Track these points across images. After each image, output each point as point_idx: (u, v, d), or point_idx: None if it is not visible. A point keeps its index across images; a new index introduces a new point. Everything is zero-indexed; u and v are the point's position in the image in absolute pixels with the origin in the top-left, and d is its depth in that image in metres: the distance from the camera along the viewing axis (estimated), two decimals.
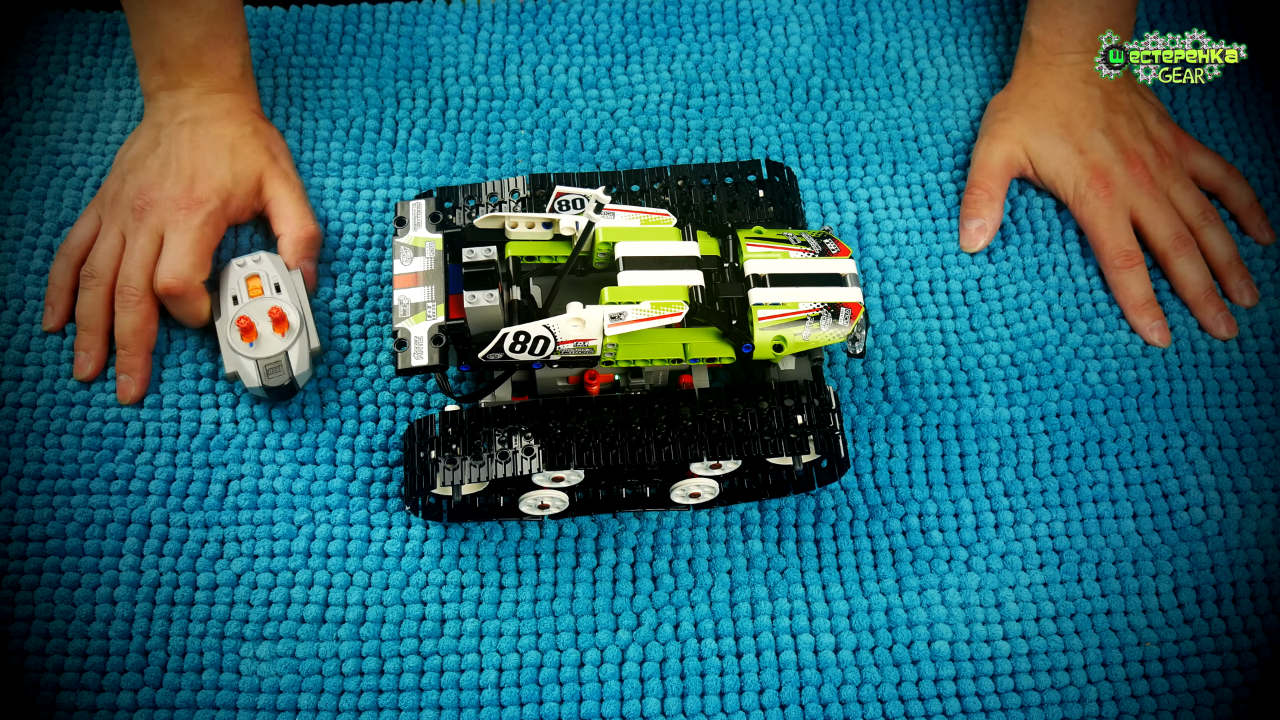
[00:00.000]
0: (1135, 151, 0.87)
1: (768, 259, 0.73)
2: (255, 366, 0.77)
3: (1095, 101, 0.88)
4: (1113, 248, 0.85)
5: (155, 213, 0.81)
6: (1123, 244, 0.85)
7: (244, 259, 0.81)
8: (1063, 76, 0.89)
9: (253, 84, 0.88)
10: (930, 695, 0.72)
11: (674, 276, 0.71)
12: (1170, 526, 0.78)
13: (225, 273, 0.81)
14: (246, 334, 0.77)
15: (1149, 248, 0.87)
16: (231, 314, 0.79)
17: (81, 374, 0.80)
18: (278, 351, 0.77)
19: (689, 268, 0.71)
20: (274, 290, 0.80)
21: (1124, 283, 0.85)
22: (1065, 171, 0.87)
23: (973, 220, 0.88)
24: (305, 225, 0.84)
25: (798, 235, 0.75)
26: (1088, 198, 0.86)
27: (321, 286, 0.85)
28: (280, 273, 0.81)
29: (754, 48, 0.97)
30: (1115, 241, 0.85)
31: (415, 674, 0.72)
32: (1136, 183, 0.86)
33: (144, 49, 0.85)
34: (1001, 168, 0.88)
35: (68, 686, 0.70)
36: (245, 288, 0.80)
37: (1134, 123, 0.88)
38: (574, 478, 0.73)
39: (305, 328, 0.79)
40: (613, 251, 0.72)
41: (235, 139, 0.84)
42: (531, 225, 0.72)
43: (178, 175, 0.82)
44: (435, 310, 0.71)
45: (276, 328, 0.78)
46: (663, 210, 0.74)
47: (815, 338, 0.71)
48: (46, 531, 0.75)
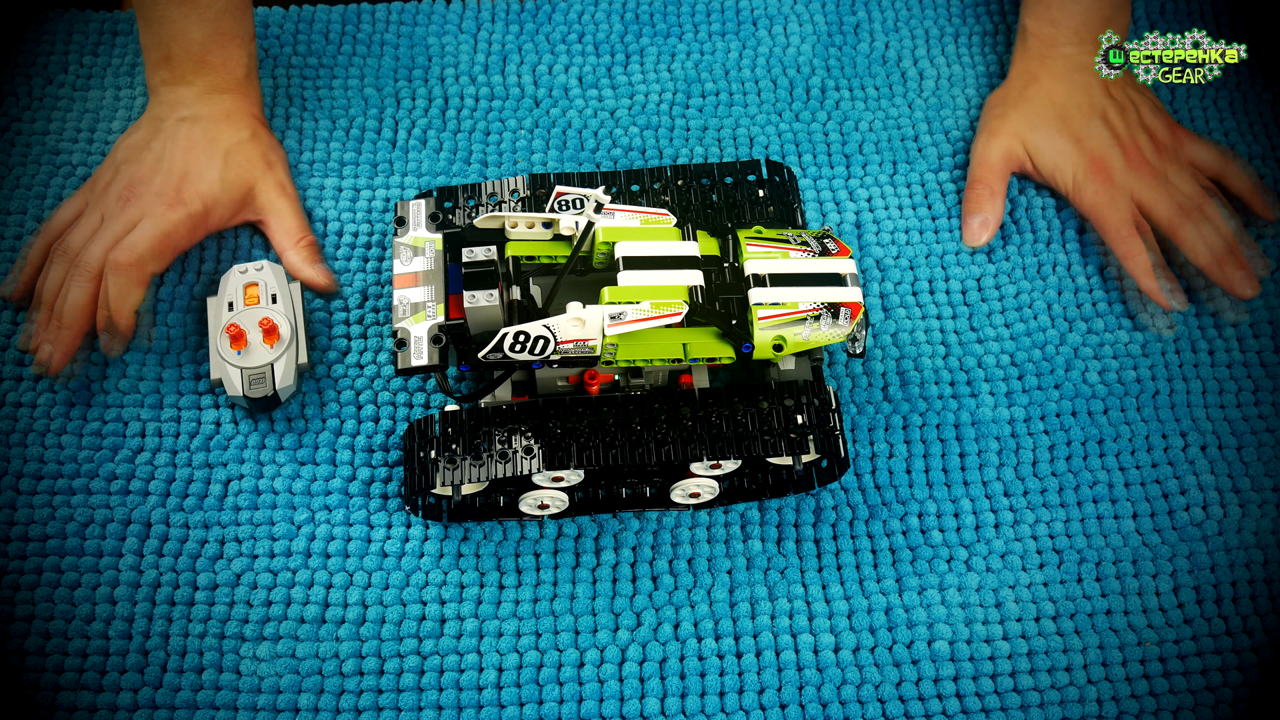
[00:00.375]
0: (1131, 140, 0.87)
1: (768, 259, 0.73)
2: (239, 375, 0.76)
3: (1091, 92, 0.88)
4: (1117, 220, 0.85)
5: (138, 204, 0.81)
6: (1126, 216, 0.85)
7: (246, 266, 0.81)
8: (1058, 69, 0.89)
9: (256, 85, 0.88)
10: (930, 695, 0.72)
11: (674, 276, 0.71)
12: (1170, 526, 0.78)
13: (225, 278, 0.81)
14: (236, 341, 0.77)
15: (1155, 227, 0.86)
16: (224, 320, 0.79)
17: (29, 347, 0.80)
18: (264, 362, 0.77)
19: (689, 268, 0.71)
20: (270, 300, 0.79)
21: (1132, 251, 0.84)
22: (1064, 163, 0.87)
23: (975, 215, 0.88)
24: (306, 234, 0.84)
25: (797, 235, 0.75)
26: (1086, 186, 0.86)
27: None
28: (279, 284, 0.80)
29: (754, 47, 0.97)
30: (1119, 215, 0.85)
31: (415, 674, 0.72)
32: (1134, 169, 0.86)
33: (150, 44, 0.85)
34: (1001, 163, 0.89)
35: (68, 686, 0.70)
36: (242, 294, 0.80)
37: (1129, 114, 0.88)
38: (574, 478, 0.73)
39: (295, 341, 0.78)
40: (613, 251, 0.72)
41: (231, 145, 0.84)
42: (531, 225, 0.72)
43: (168, 173, 0.82)
44: (435, 310, 0.71)
45: (266, 338, 0.77)
46: (663, 210, 0.74)
47: (815, 338, 0.71)
48: (47, 531, 0.75)
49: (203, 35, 0.84)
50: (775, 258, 0.73)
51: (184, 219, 0.81)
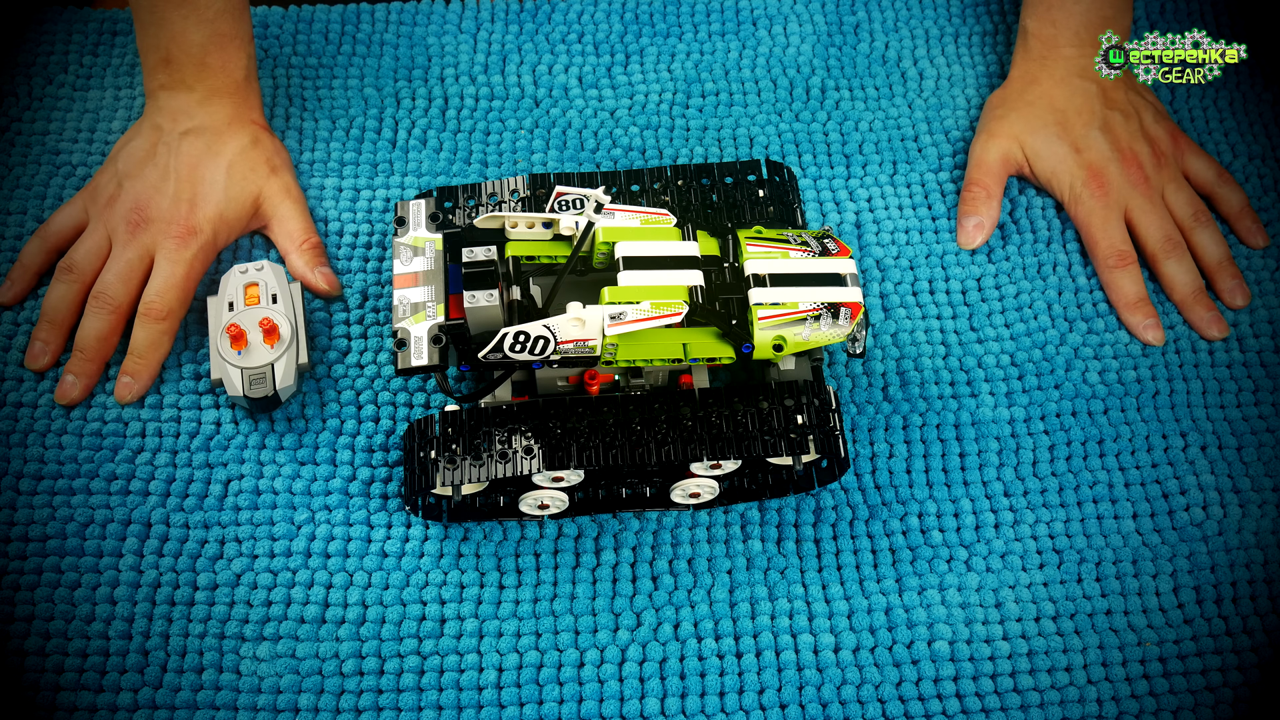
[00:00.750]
0: (1131, 150, 0.87)
1: (768, 259, 0.73)
2: (240, 375, 0.76)
3: (1092, 98, 0.88)
4: (1106, 248, 0.85)
5: (149, 232, 0.81)
6: (1116, 244, 0.85)
7: (246, 266, 0.81)
8: (1059, 72, 0.89)
9: (256, 87, 0.88)
10: (930, 695, 0.72)
11: (674, 276, 0.71)
12: (1170, 526, 0.78)
13: (225, 278, 0.80)
14: (236, 341, 0.77)
15: (1140, 248, 0.87)
16: (225, 320, 0.78)
17: (36, 364, 0.80)
18: (264, 362, 0.77)
19: (689, 268, 0.71)
20: (270, 301, 0.79)
21: (1117, 282, 0.85)
22: (1061, 170, 0.87)
23: (970, 218, 0.88)
24: (310, 236, 0.84)
25: (798, 235, 0.75)
26: (1083, 197, 0.86)
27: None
28: (280, 284, 0.80)
29: (754, 47, 0.97)
30: (1109, 241, 0.85)
31: (415, 674, 0.72)
32: (1131, 183, 0.86)
33: (148, 46, 0.85)
34: (998, 165, 0.89)
35: (68, 686, 0.70)
36: (243, 294, 0.79)
37: (1130, 121, 0.88)
38: (574, 478, 0.73)
39: (296, 342, 0.78)
40: (613, 251, 0.72)
41: (234, 156, 0.84)
42: (531, 225, 0.72)
43: (176, 197, 0.82)
44: (435, 310, 0.71)
45: (267, 338, 0.77)
46: (662, 210, 0.74)
47: (815, 338, 0.71)
48: (46, 531, 0.75)
49: (202, 37, 0.84)
50: (775, 258, 0.73)
51: (198, 253, 0.81)
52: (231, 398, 0.77)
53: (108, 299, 0.80)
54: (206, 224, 0.82)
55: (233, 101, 0.86)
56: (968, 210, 0.88)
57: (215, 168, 0.83)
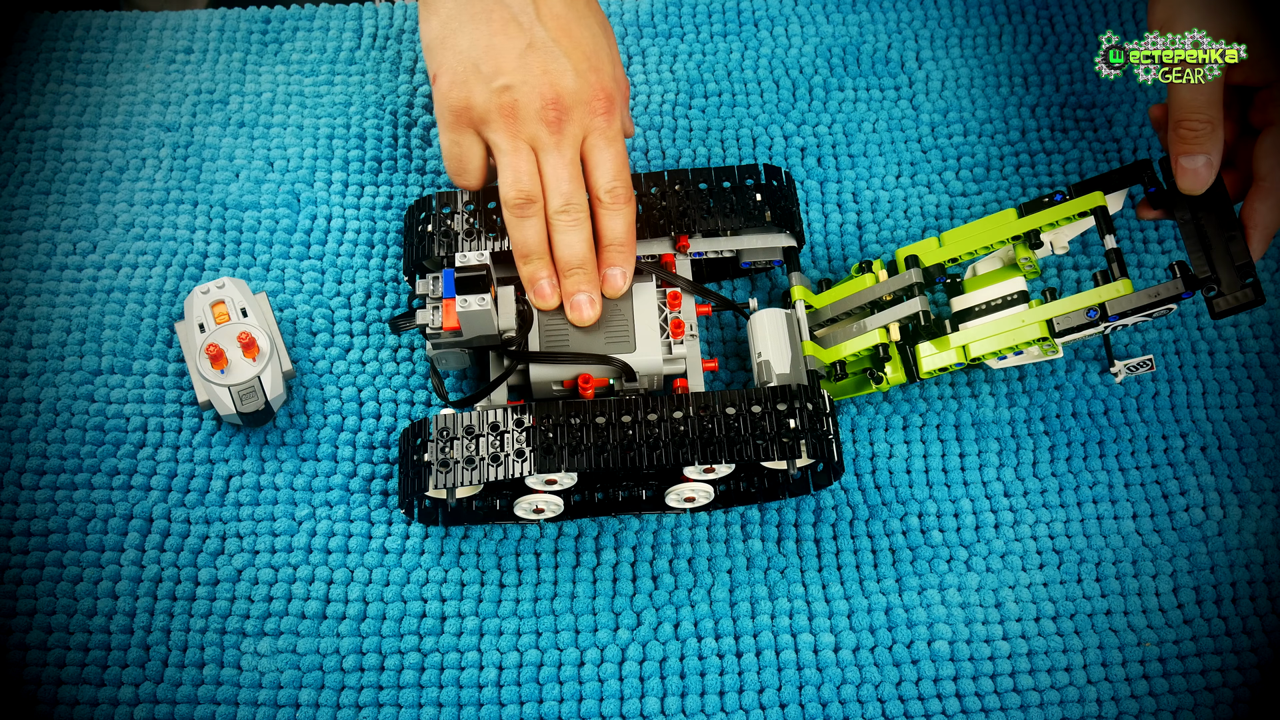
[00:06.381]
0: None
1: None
2: (229, 394, 0.76)
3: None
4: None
5: (573, 121, 0.74)
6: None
7: (207, 285, 0.79)
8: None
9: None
10: (930, 695, 0.72)
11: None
12: (1170, 527, 0.78)
13: (189, 301, 0.79)
14: (216, 361, 0.76)
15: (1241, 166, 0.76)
16: (200, 342, 0.77)
17: (548, 303, 0.76)
18: (250, 377, 0.76)
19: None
20: (241, 315, 0.78)
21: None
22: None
23: (1196, 157, 0.73)
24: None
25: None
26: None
27: (324, 283, 0.85)
28: (245, 297, 0.79)
29: (756, 48, 0.97)
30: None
31: (415, 671, 0.72)
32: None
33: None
34: (1212, 87, 0.74)
35: (69, 681, 0.70)
36: (211, 314, 0.78)
37: None
38: (567, 480, 0.73)
39: (275, 350, 0.78)
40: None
41: (583, 4, 0.77)
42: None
43: (577, 72, 0.74)
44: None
45: (247, 353, 0.76)
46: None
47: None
48: (48, 526, 0.75)
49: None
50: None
51: (622, 121, 0.77)
52: (225, 418, 0.77)
53: (577, 207, 0.74)
54: (614, 86, 0.76)
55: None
56: (1187, 149, 0.73)
57: (584, 25, 0.77)
